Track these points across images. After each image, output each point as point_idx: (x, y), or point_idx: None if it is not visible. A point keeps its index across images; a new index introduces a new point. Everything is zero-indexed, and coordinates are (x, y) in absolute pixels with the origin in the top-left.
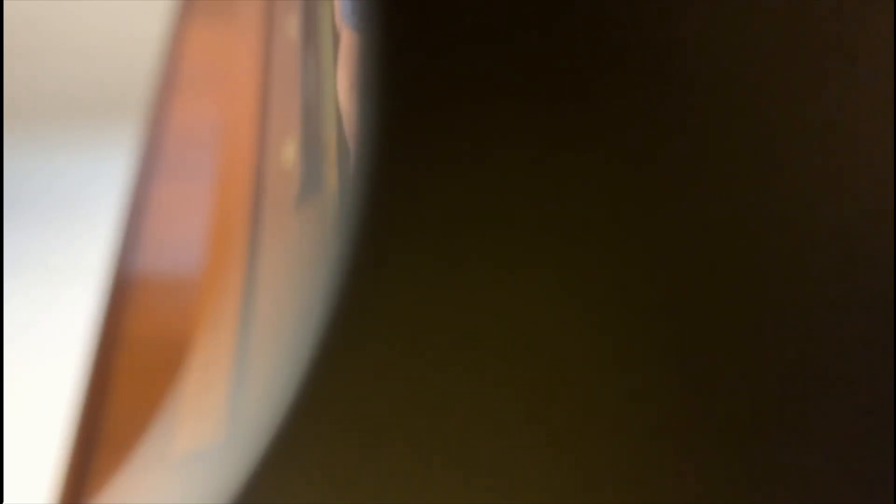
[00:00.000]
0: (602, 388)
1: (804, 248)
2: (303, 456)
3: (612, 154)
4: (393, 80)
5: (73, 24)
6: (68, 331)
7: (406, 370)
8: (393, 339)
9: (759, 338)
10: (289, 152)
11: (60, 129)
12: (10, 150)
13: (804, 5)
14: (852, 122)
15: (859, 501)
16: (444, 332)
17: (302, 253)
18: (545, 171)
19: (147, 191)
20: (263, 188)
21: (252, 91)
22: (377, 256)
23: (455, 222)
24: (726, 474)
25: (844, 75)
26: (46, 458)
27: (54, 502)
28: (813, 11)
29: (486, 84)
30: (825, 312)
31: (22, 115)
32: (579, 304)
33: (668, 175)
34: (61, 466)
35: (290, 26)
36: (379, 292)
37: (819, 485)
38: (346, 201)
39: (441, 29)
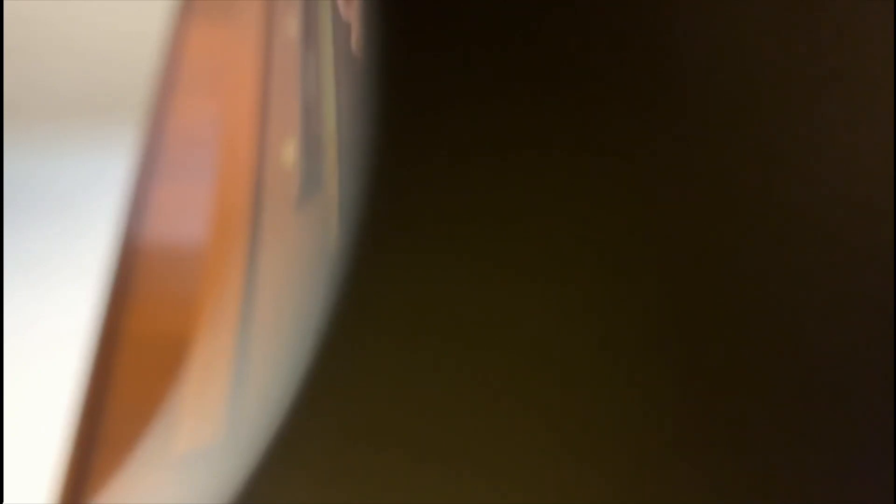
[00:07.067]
0: (604, 389)
1: (805, 249)
2: (303, 456)
3: (614, 154)
4: (393, 80)
5: (73, 24)
6: (68, 331)
7: (406, 370)
8: (393, 339)
9: (760, 339)
10: (289, 152)
11: (60, 129)
12: (10, 150)
13: (804, 5)
14: (852, 122)
15: (859, 501)
16: (444, 331)
17: (302, 253)
18: (546, 171)
19: (147, 191)
20: (263, 188)
21: (252, 91)
22: (377, 256)
23: (455, 222)
24: (728, 475)
25: (844, 75)
26: (46, 458)
27: (54, 502)
28: (812, 11)
29: (486, 83)
30: (826, 313)
31: (22, 115)
32: (581, 303)
33: (668, 175)
34: (61, 466)
35: (290, 26)
36: (379, 292)
37: (819, 485)
38: (346, 201)
39: (441, 28)
